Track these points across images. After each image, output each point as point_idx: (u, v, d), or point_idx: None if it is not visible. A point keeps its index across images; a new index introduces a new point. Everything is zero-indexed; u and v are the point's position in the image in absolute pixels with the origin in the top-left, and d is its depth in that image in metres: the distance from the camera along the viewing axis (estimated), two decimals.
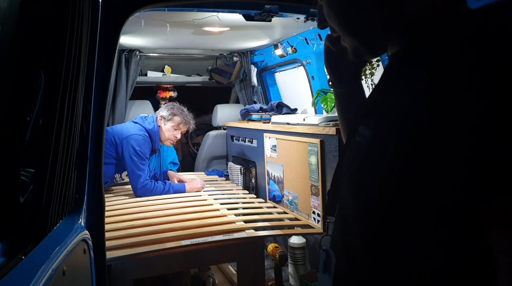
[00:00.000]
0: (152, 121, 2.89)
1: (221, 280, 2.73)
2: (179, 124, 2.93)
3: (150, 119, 2.91)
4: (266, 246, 2.49)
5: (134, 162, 2.70)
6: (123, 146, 2.73)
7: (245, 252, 2.09)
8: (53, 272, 0.88)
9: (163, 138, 2.94)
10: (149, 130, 2.84)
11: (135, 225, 2.08)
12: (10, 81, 0.77)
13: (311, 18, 1.97)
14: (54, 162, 0.92)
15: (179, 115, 2.92)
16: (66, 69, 0.92)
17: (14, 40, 0.77)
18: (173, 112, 2.91)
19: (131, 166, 2.71)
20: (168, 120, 2.91)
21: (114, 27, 1.35)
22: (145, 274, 1.98)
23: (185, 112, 2.97)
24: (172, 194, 2.79)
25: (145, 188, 2.71)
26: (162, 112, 2.94)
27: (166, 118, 2.91)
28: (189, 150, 4.41)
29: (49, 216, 0.94)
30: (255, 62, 4.02)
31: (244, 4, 1.86)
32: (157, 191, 2.75)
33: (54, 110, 0.90)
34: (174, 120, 2.91)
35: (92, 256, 1.27)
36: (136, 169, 2.71)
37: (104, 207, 1.41)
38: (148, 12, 2.18)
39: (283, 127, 2.65)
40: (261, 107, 3.49)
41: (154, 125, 2.87)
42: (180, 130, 2.97)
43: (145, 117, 2.95)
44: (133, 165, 2.70)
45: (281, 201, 2.67)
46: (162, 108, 2.99)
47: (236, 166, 3.40)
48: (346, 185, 0.62)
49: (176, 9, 2.06)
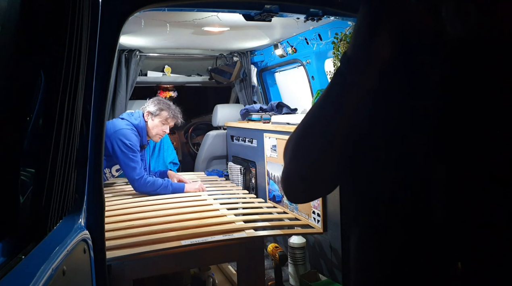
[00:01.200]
0: (138, 117, 2.88)
1: (221, 280, 2.73)
2: (167, 119, 2.91)
3: (136, 115, 2.90)
4: (266, 246, 2.49)
5: (125, 154, 2.68)
6: (112, 141, 2.71)
7: (245, 252, 2.09)
8: (53, 272, 0.88)
9: (151, 134, 2.92)
10: (136, 125, 2.82)
11: (135, 225, 2.08)
12: (10, 81, 0.77)
13: (311, 18, 1.97)
14: (54, 162, 0.92)
15: (166, 110, 2.90)
16: (66, 69, 0.92)
17: (14, 40, 0.77)
18: (160, 107, 2.89)
19: (123, 159, 2.69)
20: (155, 116, 2.89)
21: (114, 27, 1.35)
22: (145, 274, 1.98)
23: (172, 106, 2.95)
24: (170, 191, 2.77)
25: (144, 179, 2.69)
26: (149, 107, 2.91)
27: (153, 113, 2.89)
28: (189, 150, 4.41)
29: (49, 215, 0.94)
30: (255, 62, 4.02)
31: (244, 4, 1.87)
32: (156, 185, 2.72)
33: (54, 110, 0.90)
34: (162, 115, 2.89)
35: (92, 256, 1.27)
36: (129, 161, 2.68)
37: (104, 207, 1.41)
38: (148, 12, 2.18)
39: (283, 127, 2.65)
40: (261, 107, 3.50)
41: (140, 120, 2.86)
42: (169, 125, 2.95)
43: (131, 113, 2.94)
44: (125, 157, 2.68)
45: (281, 201, 2.67)
46: (148, 103, 2.96)
47: (236, 166, 3.40)
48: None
49: (176, 9, 2.06)
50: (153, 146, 3.47)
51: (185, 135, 4.45)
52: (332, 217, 2.31)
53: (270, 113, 3.26)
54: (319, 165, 0.67)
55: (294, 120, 2.58)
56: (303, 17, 1.98)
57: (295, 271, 2.66)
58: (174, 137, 4.28)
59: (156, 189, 2.73)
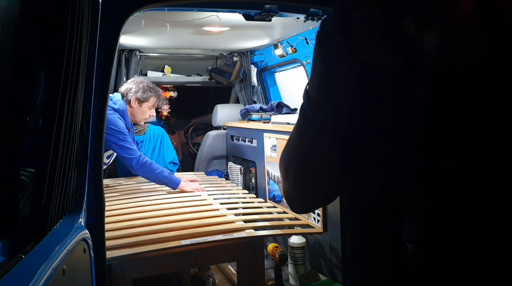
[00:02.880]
0: (118, 100, 2.81)
1: (221, 280, 2.73)
2: (155, 104, 2.91)
3: (115, 99, 2.83)
4: (266, 246, 2.49)
5: (116, 137, 2.64)
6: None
7: (245, 252, 2.09)
8: (53, 271, 0.88)
9: (138, 119, 2.90)
10: (117, 109, 2.77)
11: (135, 224, 2.09)
12: (10, 81, 0.77)
13: (311, 18, 1.97)
14: (54, 161, 0.92)
15: (154, 95, 2.88)
16: (66, 69, 0.92)
17: (14, 40, 0.77)
18: (150, 95, 2.86)
19: (115, 141, 2.65)
20: (143, 102, 2.86)
21: (114, 27, 1.35)
22: (145, 274, 1.98)
23: (159, 91, 2.94)
24: (168, 180, 2.75)
25: (142, 158, 2.67)
26: (137, 93, 2.84)
27: (141, 100, 2.85)
28: (189, 150, 4.41)
29: (49, 215, 0.94)
30: (255, 62, 4.02)
31: (244, 3, 1.87)
32: (153, 167, 2.70)
33: (54, 110, 0.90)
34: (151, 101, 2.88)
35: (92, 256, 1.27)
36: (122, 142, 2.65)
37: (104, 206, 1.41)
38: (148, 12, 2.18)
39: (283, 127, 2.65)
40: (261, 107, 3.50)
41: (120, 103, 2.80)
42: (155, 108, 2.96)
43: (110, 97, 2.82)
44: (117, 139, 2.65)
45: (281, 201, 2.67)
46: (131, 86, 2.87)
47: (236, 165, 3.40)
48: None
49: (176, 9, 2.06)
50: (153, 145, 3.47)
51: (185, 135, 4.45)
52: (332, 217, 2.31)
53: (270, 113, 3.26)
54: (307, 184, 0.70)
55: (294, 120, 2.58)
56: (303, 17, 1.98)
57: (295, 271, 2.66)
58: (174, 137, 4.28)
59: (154, 171, 2.70)
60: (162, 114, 4.35)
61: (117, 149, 2.69)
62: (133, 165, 2.69)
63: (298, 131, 0.67)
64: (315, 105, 0.61)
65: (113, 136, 2.64)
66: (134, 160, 2.67)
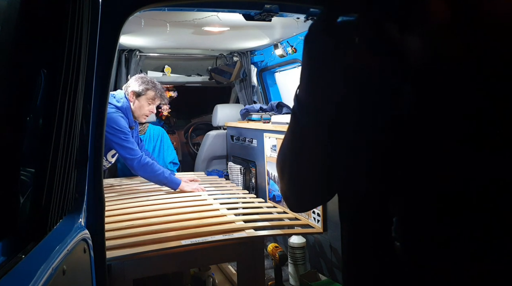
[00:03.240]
0: (121, 98, 2.77)
1: (221, 280, 2.73)
2: (154, 98, 2.83)
3: (118, 96, 2.78)
4: (266, 246, 2.49)
5: (118, 137, 2.62)
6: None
7: (245, 252, 2.09)
8: (53, 271, 0.88)
9: (137, 114, 2.83)
10: (120, 107, 2.72)
11: (135, 224, 2.09)
12: (10, 81, 0.78)
13: (311, 18, 1.97)
14: (54, 161, 0.92)
15: (153, 89, 2.81)
16: (66, 69, 0.92)
17: (14, 40, 0.77)
18: (146, 87, 2.79)
19: (117, 141, 2.62)
20: (141, 96, 2.79)
21: (114, 27, 1.35)
22: (145, 274, 1.98)
23: (158, 85, 2.86)
24: (168, 180, 2.74)
25: (143, 159, 2.65)
26: (133, 87, 2.79)
27: (138, 93, 2.79)
28: (189, 149, 4.41)
29: (49, 215, 0.94)
30: (255, 62, 4.03)
31: (244, 3, 1.87)
32: (154, 167, 2.68)
33: (54, 110, 0.90)
34: (148, 94, 2.80)
35: (92, 256, 1.27)
36: (123, 142, 2.63)
37: (104, 206, 1.41)
38: (148, 12, 2.18)
39: (283, 127, 2.65)
40: (261, 107, 3.50)
41: (123, 101, 2.75)
42: (155, 104, 2.86)
43: (113, 95, 2.79)
44: (118, 139, 2.62)
45: (281, 201, 2.67)
46: (132, 82, 2.83)
47: (236, 165, 3.40)
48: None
49: (176, 9, 2.07)
50: (153, 145, 3.47)
51: (185, 135, 4.45)
52: (332, 217, 2.31)
53: (270, 113, 3.26)
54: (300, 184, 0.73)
55: None
56: (303, 17, 1.98)
57: (295, 271, 2.66)
58: (174, 137, 4.29)
59: (155, 172, 2.68)
60: (162, 114, 4.36)
61: (118, 148, 2.67)
62: (134, 165, 2.68)
63: (290, 133, 0.69)
64: (304, 107, 0.63)
65: (115, 136, 2.62)
66: (135, 160, 2.66)
